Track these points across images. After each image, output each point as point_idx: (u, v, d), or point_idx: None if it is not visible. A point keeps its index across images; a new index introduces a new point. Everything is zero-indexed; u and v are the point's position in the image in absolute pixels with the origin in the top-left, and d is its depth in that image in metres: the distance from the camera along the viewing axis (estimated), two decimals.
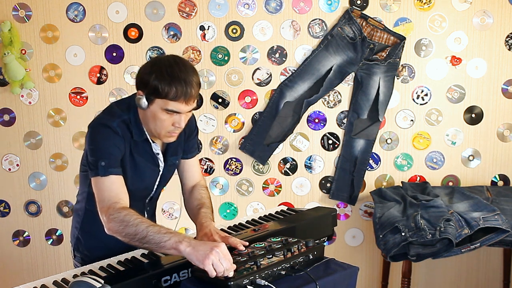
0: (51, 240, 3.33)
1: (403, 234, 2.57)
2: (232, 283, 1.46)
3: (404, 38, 3.06)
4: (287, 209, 2.22)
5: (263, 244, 1.68)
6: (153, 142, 1.89)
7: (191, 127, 2.03)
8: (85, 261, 1.98)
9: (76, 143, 3.23)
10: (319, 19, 3.10)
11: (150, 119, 1.78)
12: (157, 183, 1.97)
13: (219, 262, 1.49)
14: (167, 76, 1.69)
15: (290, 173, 3.25)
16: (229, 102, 3.18)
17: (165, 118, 1.75)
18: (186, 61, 1.78)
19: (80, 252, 2.04)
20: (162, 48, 3.13)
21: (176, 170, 2.10)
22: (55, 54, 3.15)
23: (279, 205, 3.12)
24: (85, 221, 2.00)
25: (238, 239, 1.75)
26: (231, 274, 1.50)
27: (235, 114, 3.20)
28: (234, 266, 1.52)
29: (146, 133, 1.86)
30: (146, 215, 2.03)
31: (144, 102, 1.74)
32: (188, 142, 2.04)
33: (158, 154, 1.91)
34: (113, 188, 1.73)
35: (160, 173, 1.95)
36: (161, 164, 1.94)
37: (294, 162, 3.23)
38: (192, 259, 1.53)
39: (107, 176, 1.73)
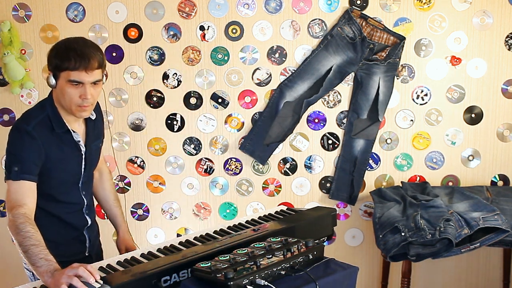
0: None
1: (403, 234, 2.57)
2: (232, 283, 1.46)
3: (404, 38, 3.06)
4: (287, 209, 2.22)
5: (263, 244, 1.68)
6: (73, 131, 2.01)
7: (102, 115, 2.19)
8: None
9: None
10: (319, 19, 3.10)
11: (60, 96, 1.92)
12: (83, 166, 2.07)
13: (72, 277, 1.54)
14: (65, 49, 1.86)
15: (290, 173, 3.25)
16: (229, 102, 3.18)
17: (71, 91, 1.87)
18: (89, 40, 1.94)
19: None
20: (162, 48, 3.13)
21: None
22: None
23: (279, 205, 3.12)
24: (39, 219, 2.00)
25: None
26: (97, 276, 1.55)
27: (235, 114, 3.20)
28: (94, 269, 1.58)
29: (66, 124, 1.98)
30: (84, 200, 2.12)
31: (51, 79, 1.90)
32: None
33: (79, 141, 2.03)
34: (21, 192, 1.85)
35: (83, 157, 2.06)
36: (83, 149, 2.05)
37: (294, 162, 3.23)
38: (51, 286, 1.61)
39: (18, 181, 1.85)
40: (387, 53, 3.07)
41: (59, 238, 2.05)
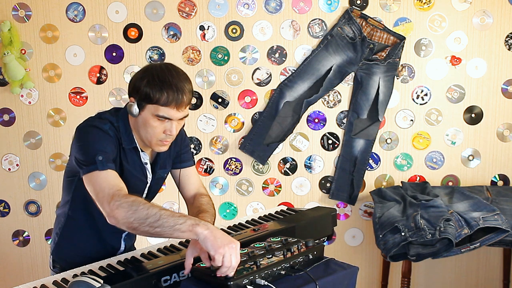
0: (51, 240, 3.33)
1: (403, 234, 2.57)
2: (232, 283, 1.46)
3: (404, 38, 3.06)
4: (287, 209, 2.22)
5: (263, 244, 1.68)
6: (142, 151, 1.86)
7: (182, 141, 2.01)
8: (63, 269, 1.90)
9: None
10: (319, 19, 3.10)
11: (141, 127, 1.76)
12: (144, 195, 1.93)
13: (230, 258, 1.47)
14: (159, 81, 1.69)
15: (290, 173, 3.25)
16: (229, 102, 3.18)
17: (156, 125, 1.73)
18: (179, 69, 1.77)
19: (58, 259, 1.99)
20: (162, 48, 3.13)
21: (175, 182, 2.10)
22: (55, 54, 3.15)
23: (279, 205, 3.12)
24: (66, 228, 1.97)
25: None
26: (231, 274, 1.49)
27: (235, 114, 3.20)
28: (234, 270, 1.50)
29: (136, 141, 1.83)
30: None
31: (135, 108, 1.73)
32: (183, 154, 2.02)
33: (146, 164, 1.88)
34: (113, 179, 1.67)
35: (148, 184, 1.92)
36: (149, 176, 1.90)
37: (294, 162, 3.23)
38: (207, 244, 1.49)
39: (105, 170, 1.66)
40: (387, 53, 3.07)
41: (87, 250, 1.91)
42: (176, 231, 1.53)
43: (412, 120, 3.17)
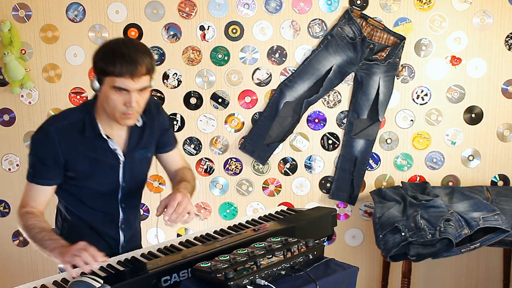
0: None
1: (403, 234, 2.57)
2: (232, 283, 1.46)
3: (404, 38, 3.06)
4: (287, 209, 2.21)
5: (263, 244, 1.68)
6: (108, 138, 1.88)
7: (163, 123, 2.05)
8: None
9: None
10: (319, 19, 3.10)
11: (104, 102, 1.80)
12: (121, 177, 1.94)
13: (74, 257, 1.59)
14: (112, 53, 1.73)
15: (290, 173, 3.25)
16: (229, 102, 3.18)
17: (115, 98, 1.76)
18: (137, 42, 1.83)
19: None
20: (162, 48, 3.13)
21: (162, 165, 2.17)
22: (55, 54, 3.15)
23: (279, 205, 3.12)
24: (64, 230, 2.03)
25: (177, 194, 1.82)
26: (99, 259, 1.61)
27: (235, 114, 3.20)
28: (96, 252, 1.62)
29: (101, 129, 1.86)
30: (121, 213, 1.99)
31: (95, 83, 1.79)
32: (163, 137, 2.07)
33: (115, 149, 1.90)
34: (30, 194, 1.86)
35: (121, 166, 1.92)
36: (121, 158, 1.92)
37: (294, 162, 3.23)
38: (59, 260, 1.66)
39: (30, 184, 1.86)
40: (387, 53, 3.07)
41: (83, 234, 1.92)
42: (45, 252, 1.74)
43: (412, 120, 3.17)
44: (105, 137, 1.87)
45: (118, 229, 2.01)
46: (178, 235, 3.26)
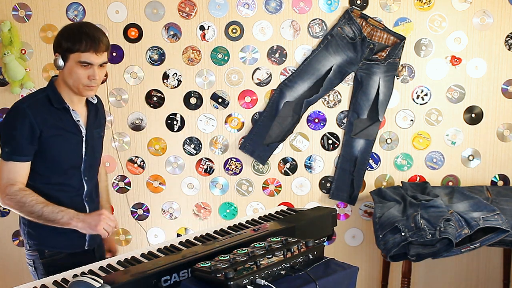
0: None
1: (403, 234, 2.57)
2: (232, 283, 1.46)
3: (404, 38, 3.06)
4: (287, 209, 2.22)
5: (263, 244, 1.69)
6: (73, 110, 2.06)
7: (104, 116, 2.28)
8: (40, 248, 2.08)
9: None
10: (319, 19, 3.10)
11: (67, 77, 2.00)
12: (83, 149, 2.10)
13: (108, 224, 1.92)
14: (77, 32, 1.97)
15: (290, 173, 3.25)
16: (229, 102, 3.18)
17: (80, 72, 1.97)
18: (93, 24, 2.04)
19: (33, 242, 2.10)
20: (162, 48, 3.13)
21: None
22: None
23: (279, 205, 3.12)
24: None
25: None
26: (112, 227, 1.92)
27: (235, 114, 3.20)
28: (116, 224, 1.94)
29: (65, 101, 2.04)
30: (85, 186, 2.13)
31: (60, 61, 1.98)
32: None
33: (78, 121, 2.07)
34: (12, 172, 1.96)
35: (84, 139, 2.10)
36: (83, 131, 2.09)
37: (294, 162, 3.23)
38: (86, 230, 1.94)
39: (9, 162, 1.96)
40: (387, 53, 3.07)
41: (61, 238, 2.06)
42: (57, 223, 1.93)
43: (412, 120, 3.17)
44: (70, 108, 2.04)
45: (83, 202, 2.14)
46: (178, 235, 3.26)
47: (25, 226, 2.09)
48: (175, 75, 3.16)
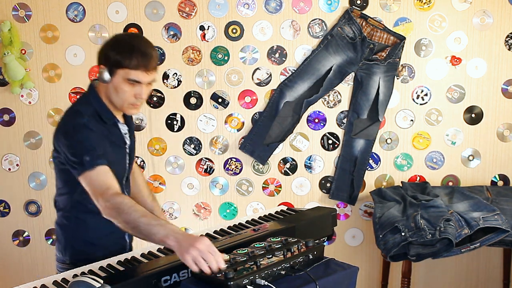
0: (51, 240, 3.33)
1: (403, 234, 2.57)
2: (232, 283, 1.46)
3: (404, 38, 3.06)
4: (287, 209, 2.22)
5: (263, 244, 1.68)
6: (120, 123, 1.97)
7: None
8: (73, 260, 1.95)
9: None
10: (319, 19, 3.10)
11: (112, 93, 1.87)
12: (127, 161, 2.03)
13: (199, 258, 1.52)
14: (127, 47, 1.82)
15: (290, 173, 3.25)
16: (229, 102, 3.18)
17: (127, 89, 1.84)
18: (145, 37, 1.92)
19: (70, 252, 1.98)
20: (162, 48, 3.13)
21: None
22: (55, 54, 3.15)
23: (279, 205, 3.12)
24: (74, 212, 1.97)
25: None
26: (222, 266, 1.52)
27: (235, 114, 3.20)
28: (221, 258, 1.54)
29: (114, 115, 1.94)
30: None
31: (106, 74, 1.84)
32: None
33: (126, 134, 2.00)
34: (101, 178, 1.77)
35: (128, 150, 2.03)
36: (128, 142, 2.02)
37: (294, 162, 3.23)
38: (177, 253, 1.58)
39: (94, 169, 1.77)
40: (387, 53, 3.07)
41: (97, 233, 1.95)
42: (151, 240, 1.64)
43: (412, 120, 3.17)
44: (119, 122, 1.95)
45: None
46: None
47: (67, 241, 1.98)
48: (175, 75, 3.16)
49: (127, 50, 1.81)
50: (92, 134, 1.83)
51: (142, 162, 3.23)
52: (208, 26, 3.11)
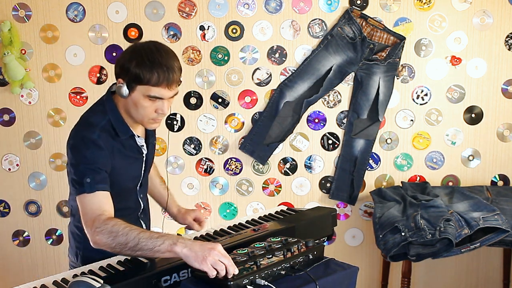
0: (51, 240, 3.33)
1: (403, 234, 2.57)
2: (232, 283, 1.46)
3: (404, 38, 3.06)
4: (287, 209, 2.22)
5: (263, 244, 1.68)
6: (138, 136, 1.89)
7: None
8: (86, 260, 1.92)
9: None
10: (319, 19, 3.10)
11: (132, 108, 1.77)
12: (143, 169, 1.96)
13: (218, 262, 1.48)
14: (148, 62, 1.68)
15: (290, 173, 3.25)
16: (229, 102, 3.18)
17: (147, 105, 1.73)
18: (166, 47, 1.77)
19: (84, 253, 1.95)
20: None
21: None
22: (55, 54, 3.15)
23: (279, 205, 3.12)
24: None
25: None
26: (236, 271, 1.49)
27: (235, 114, 3.20)
28: (234, 266, 1.51)
29: (131, 129, 1.85)
30: (141, 203, 2.02)
31: (125, 90, 1.72)
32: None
33: (142, 146, 1.92)
34: (96, 202, 1.68)
35: (144, 159, 1.96)
36: (145, 152, 1.94)
37: (294, 162, 3.23)
38: (190, 260, 1.51)
39: (92, 193, 1.68)
40: (387, 53, 3.07)
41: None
42: (156, 253, 1.56)
43: (412, 120, 3.17)
44: (136, 136, 1.88)
45: (139, 220, 2.02)
46: (178, 235, 3.26)
47: (78, 249, 1.95)
48: None
49: (147, 64, 1.67)
50: (99, 153, 1.73)
51: None
52: (208, 26, 3.12)
